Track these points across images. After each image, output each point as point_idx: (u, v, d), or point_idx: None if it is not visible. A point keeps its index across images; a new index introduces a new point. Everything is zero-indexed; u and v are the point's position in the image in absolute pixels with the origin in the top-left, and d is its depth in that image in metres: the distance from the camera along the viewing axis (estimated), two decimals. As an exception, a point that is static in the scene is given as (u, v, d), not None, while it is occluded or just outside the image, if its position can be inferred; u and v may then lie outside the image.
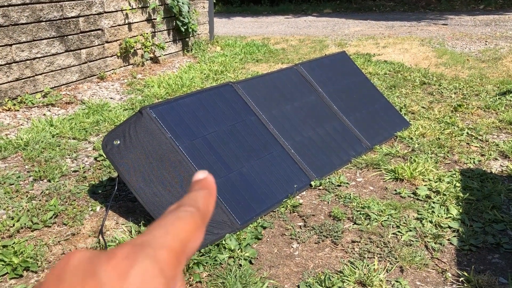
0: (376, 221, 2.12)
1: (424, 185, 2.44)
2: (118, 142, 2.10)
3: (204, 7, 6.14)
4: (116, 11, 4.63)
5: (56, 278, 0.24)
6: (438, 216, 2.15)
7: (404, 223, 2.11)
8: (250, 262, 1.87)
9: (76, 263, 0.24)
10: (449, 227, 2.08)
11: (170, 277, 0.25)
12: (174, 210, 0.29)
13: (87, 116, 3.52)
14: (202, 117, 2.37)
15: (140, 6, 4.93)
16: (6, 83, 3.66)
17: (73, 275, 0.23)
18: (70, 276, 0.23)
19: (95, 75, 4.52)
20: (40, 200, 2.34)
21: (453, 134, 3.10)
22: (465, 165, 2.70)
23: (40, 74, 3.94)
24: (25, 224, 2.11)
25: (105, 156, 2.35)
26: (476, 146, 2.95)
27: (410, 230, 2.06)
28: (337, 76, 3.23)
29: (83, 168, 2.70)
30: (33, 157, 2.80)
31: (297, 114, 2.79)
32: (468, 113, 3.55)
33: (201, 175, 0.33)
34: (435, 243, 1.97)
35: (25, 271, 1.83)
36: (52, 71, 4.05)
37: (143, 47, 5.04)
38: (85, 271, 0.23)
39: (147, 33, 5.05)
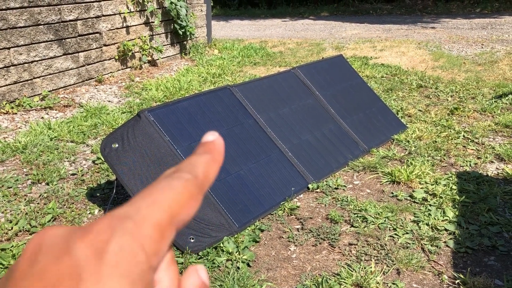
0: (373, 224, 2.14)
1: (421, 188, 2.46)
2: (117, 145, 2.11)
3: (202, 10, 6.16)
4: (114, 14, 4.65)
5: (28, 259, 0.22)
6: (435, 219, 2.16)
7: (400, 225, 2.13)
8: (248, 265, 1.88)
9: (49, 242, 0.22)
10: (446, 230, 2.10)
11: (152, 252, 0.22)
12: (168, 176, 0.26)
13: (85, 119, 3.53)
14: (200, 120, 2.38)
15: (138, 9, 4.95)
16: (4, 86, 3.67)
17: (47, 255, 0.21)
18: (43, 256, 0.21)
19: (93, 78, 4.53)
20: (38, 203, 2.35)
21: (450, 137, 3.12)
22: (461, 168, 2.71)
23: (38, 77, 3.95)
24: (23, 227, 2.12)
25: (103, 159, 2.36)
26: (472, 149, 2.97)
27: (407, 233, 2.07)
28: (335, 79, 3.25)
29: (81, 171, 2.70)
30: (31, 160, 2.80)
31: (295, 117, 2.80)
32: (465, 116, 3.57)
33: (210, 137, 0.29)
34: (431, 245, 1.99)
35: (23, 274, 1.83)
36: (50, 74, 4.06)
37: (141, 50, 5.05)
38: (59, 249, 0.22)
39: (145, 36, 5.06)
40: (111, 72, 4.73)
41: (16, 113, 3.64)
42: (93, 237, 0.22)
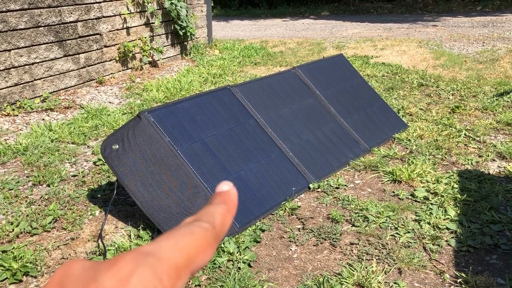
0: (374, 223, 2.13)
1: (422, 187, 2.45)
2: (117, 146, 2.11)
3: (202, 11, 6.16)
4: (115, 15, 4.65)
5: (57, 285, 0.24)
6: (436, 218, 2.15)
7: (402, 224, 2.12)
8: (249, 265, 1.88)
9: (77, 271, 0.24)
10: (447, 229, 2.09)
11: (168, 287, 0.25)
12: (189, 224, 0.28)
13: (86, 120, 3.53)
14: (201, 121, 2.38)
15: (138, 10, 4.95)
16: (5, 88, 3.67)
17: (75, 282, 0.23)
18: (71, 282, 0.23)
19: (94, 79, 4.53)
20: (39, 205, 2.35)
21: (451, 136, 3.11)
22: (463, 166, 2.71)
23: (39, 79, 3.95)
24: (24, 229, 2.12)
25: (104, 161, 2.36)
26: (473, 147, 2.96)
27: (408, 232, 2.07)
28: (335, 79, 3.25)
29: (82, 172, 2.70)
30: (32, 162, 2.81)
31: (296, 117, 2.80)
32: (466, 115, 3.56)
33: (225, 186, 0.32)
34: (433, 244, 1.98)
35: (24, 276, 1.84)
36: (51, 76, 4.06)
37: (141, 51, 5.05)
38: (86, 277, 0.24)
39: (145, 37, 5.06)
40: (111, 73, 4.73)
41: (17, 115, 3.65)
42: (118, 269, 0.24)
